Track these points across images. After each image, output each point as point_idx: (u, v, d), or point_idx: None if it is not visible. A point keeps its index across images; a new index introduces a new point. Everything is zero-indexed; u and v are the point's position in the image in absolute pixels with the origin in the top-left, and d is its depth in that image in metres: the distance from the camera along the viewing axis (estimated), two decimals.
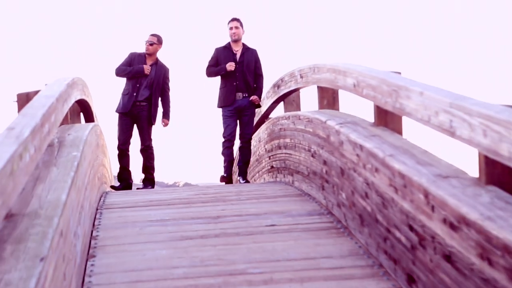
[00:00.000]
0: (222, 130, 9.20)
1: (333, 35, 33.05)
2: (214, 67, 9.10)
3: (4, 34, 33.15)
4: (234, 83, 8.99)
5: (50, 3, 35.10)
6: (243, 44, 9.11)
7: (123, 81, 9.34)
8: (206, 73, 9.19)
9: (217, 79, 9.24)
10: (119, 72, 9.26)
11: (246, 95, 9.02)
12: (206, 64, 9.16)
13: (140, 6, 34.40)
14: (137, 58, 9.30)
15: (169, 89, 9.48)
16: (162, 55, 9.82)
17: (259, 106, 9.18)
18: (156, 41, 9.34)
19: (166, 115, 9.49)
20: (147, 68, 9.18)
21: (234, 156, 9.76)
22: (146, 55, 9.32)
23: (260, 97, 9.15)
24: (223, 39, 9.27)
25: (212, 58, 9.15)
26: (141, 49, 9.42)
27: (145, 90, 9.23)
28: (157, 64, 9.33)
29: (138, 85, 9.21)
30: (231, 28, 9.04)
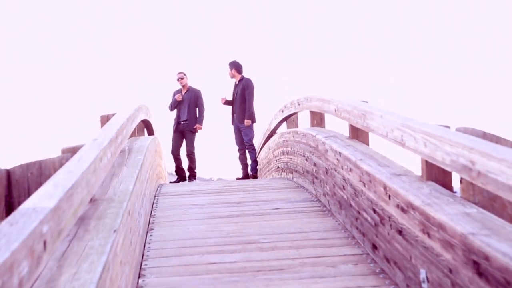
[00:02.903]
0: None
1: (333, 35, 28.98)
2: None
3: (4, 34, 27.58)
4: (232, 110, 9.45)
5: (50, 3, 28.85)
6: (241, 76, 9.31)
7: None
8: None
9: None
10: (170, 108, 9.74)
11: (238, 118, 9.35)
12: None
13: (140, 6, 29.10)
14: (176, 93, 9.72)
15: (202, 105, 9.69)
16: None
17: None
18: (184, 75, 9.66)
19: (200, 122, 9.68)
20: (178, 96, 9.59)
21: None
22: (182, 87, 9.66)
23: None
24: (223, 39, 9.38)
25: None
26: (172, 82, 9.81)
27: (183, 113, 9.60)
28: (188, 90, 9.65)
29: (179, 110, 9.64)
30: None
